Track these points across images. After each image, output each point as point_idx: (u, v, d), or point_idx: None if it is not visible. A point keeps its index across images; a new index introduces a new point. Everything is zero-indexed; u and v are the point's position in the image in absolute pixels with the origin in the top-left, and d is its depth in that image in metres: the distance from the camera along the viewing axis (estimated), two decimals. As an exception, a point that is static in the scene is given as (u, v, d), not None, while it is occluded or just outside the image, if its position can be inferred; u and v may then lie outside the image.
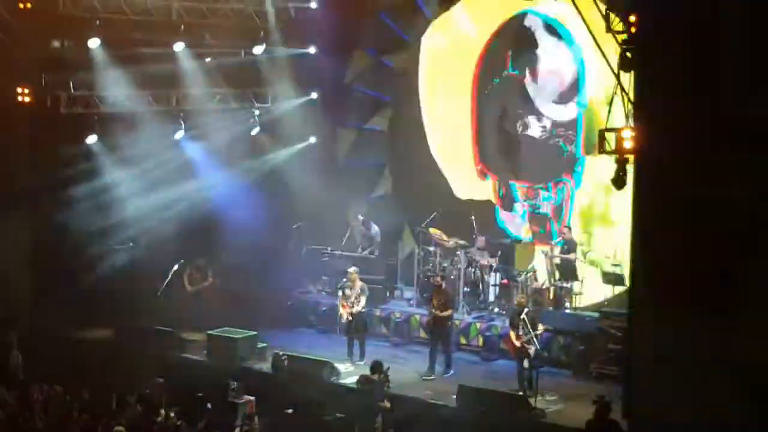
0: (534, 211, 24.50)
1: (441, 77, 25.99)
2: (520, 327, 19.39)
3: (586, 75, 23.18)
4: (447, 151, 26.05)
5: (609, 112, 16.93)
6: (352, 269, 21.95)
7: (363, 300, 21.50)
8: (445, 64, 25.86)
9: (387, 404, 18.00)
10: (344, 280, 21.91)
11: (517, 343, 19.47)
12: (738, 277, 15.36)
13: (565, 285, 22.17)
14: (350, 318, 21.44)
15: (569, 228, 22.83)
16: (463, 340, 22.25)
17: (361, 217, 25.42)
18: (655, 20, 15.96)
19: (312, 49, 25.66)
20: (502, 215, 25.17)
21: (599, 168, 22.21)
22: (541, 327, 19.52)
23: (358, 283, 21.59)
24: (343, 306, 21.57)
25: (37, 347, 21.33)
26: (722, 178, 15.31)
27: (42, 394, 17.73)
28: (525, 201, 24.70)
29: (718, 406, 15.30)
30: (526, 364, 19.36)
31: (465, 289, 23.11)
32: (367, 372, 18.77)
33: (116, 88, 22.74)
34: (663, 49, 15.88)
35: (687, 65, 15.55)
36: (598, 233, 23.49)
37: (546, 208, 24.32)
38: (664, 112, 15.91)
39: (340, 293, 21.88)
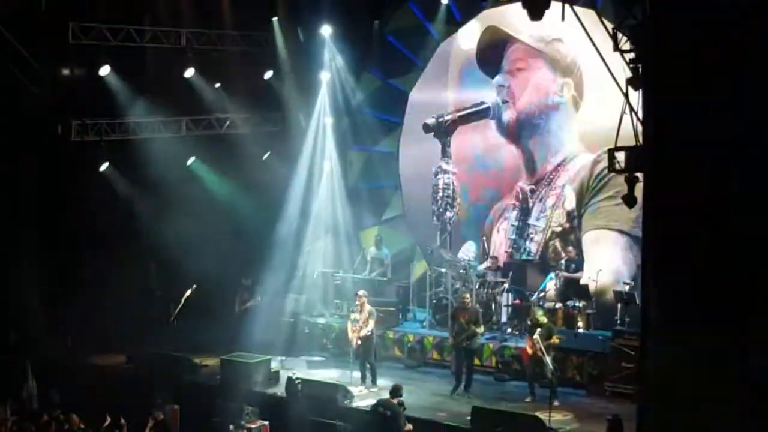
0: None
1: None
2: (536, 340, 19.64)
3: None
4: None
5: (618, 131, 16.91)
6: (360, 293, 21.75)
7: (371, 323, 21.23)
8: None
9: (409, 426, 17.98)
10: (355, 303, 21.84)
11: (530, 351, 19.77)
12: (753, 293, 15.32)
13: (576, 304, 22.15)
14: (359, 342, 21.31)
15: (573, 247, 22.85)
16: (476, 361, 22.08)
17: (376, 237, 25.53)
18: (665, 38, 15.99)
19: (322, 74, 25.78)
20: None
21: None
22: (556, 339, 19.75)
23: (367, 307, 21.36)
24: (352, 330, 21.36)
25: (51, 375, 21.38)
26: (736, 194, 15.28)
27: (58, 423, 17.72)
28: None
29: (734, 424, 15.27)
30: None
31: (478, 309, 23.08)
32: (382, 395, 18.75)
33: (127, 116, 22.94)
34: (672, 67, 15.91)
35: (697, 81, 15.57)
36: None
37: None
38: (674, 129, 15.92)
39: (351, 316, 21.73)
